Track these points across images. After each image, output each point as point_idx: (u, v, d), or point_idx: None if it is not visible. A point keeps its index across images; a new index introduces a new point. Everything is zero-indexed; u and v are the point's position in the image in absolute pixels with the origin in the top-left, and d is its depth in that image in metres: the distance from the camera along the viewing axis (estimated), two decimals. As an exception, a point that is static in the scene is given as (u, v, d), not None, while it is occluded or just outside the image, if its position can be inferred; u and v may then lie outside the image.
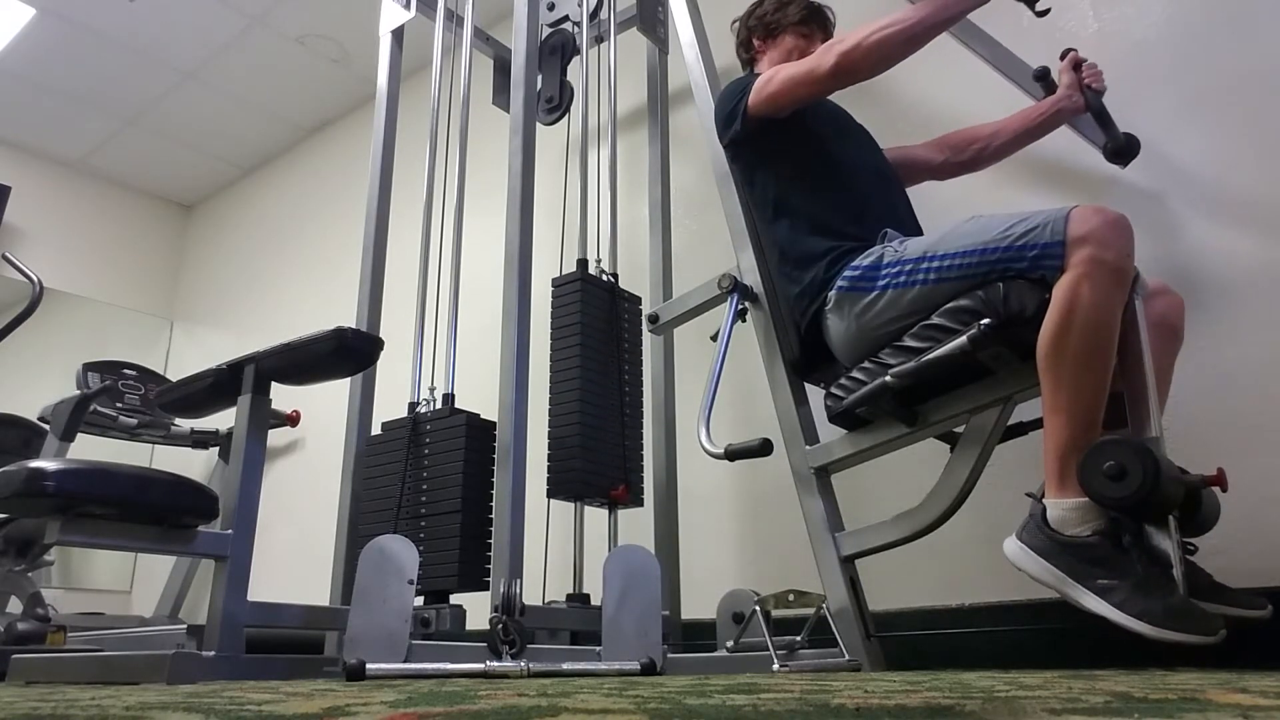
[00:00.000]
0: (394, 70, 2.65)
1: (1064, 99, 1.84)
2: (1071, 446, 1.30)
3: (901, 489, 1.64)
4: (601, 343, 2.13)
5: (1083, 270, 1.32)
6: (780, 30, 1.97)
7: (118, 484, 1.53)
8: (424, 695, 0.91)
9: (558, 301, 2.15)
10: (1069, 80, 1.84)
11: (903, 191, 1.86)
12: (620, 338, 2.18)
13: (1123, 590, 1.22)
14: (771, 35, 1.99)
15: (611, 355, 2.14)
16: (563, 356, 2.09)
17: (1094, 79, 1.83)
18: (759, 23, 2.01)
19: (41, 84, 3.91)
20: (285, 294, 4.10)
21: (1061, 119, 1.85)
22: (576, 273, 2.18)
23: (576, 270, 2.19)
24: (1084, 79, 1.82)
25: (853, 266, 1.62)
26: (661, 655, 1.62)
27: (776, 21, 1.98)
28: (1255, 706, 0.64)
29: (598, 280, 2.21)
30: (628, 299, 2.26)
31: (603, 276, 2.25)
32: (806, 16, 1.97)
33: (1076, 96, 1.82)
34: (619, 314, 2.20)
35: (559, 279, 2.18)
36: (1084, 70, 1.83)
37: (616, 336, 2.17)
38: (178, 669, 1.39)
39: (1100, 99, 1.81)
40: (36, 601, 2.55)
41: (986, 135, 1.91)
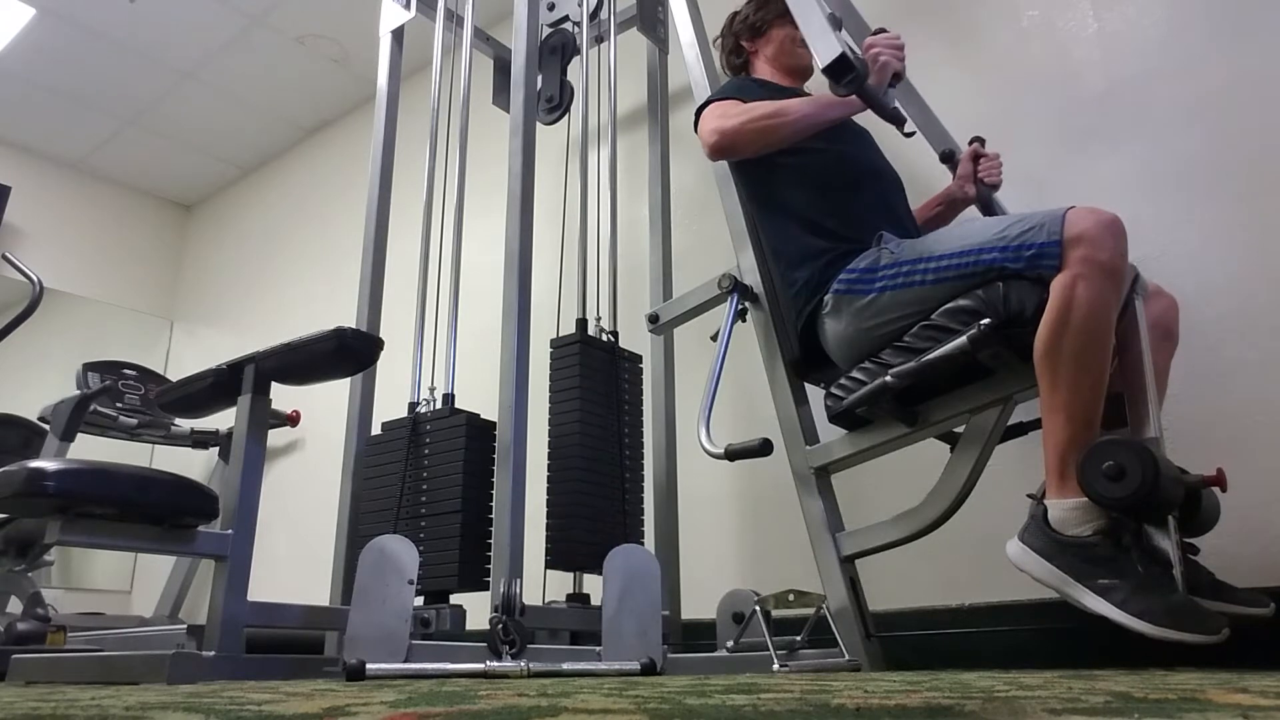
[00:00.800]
0: (394, 70, 2.65)
1: (955, 190, 1.91)
2: (1071, 446, 1.30)
3: (901, 489, 1.64)
4: (601, 405, 2.07)
5: (1078, 270, 1.32)
6: (767, 26, 1.99)
7: (118, 484, 1.53)
8: (424, 695, 0.91)
9: (556, 363, 2.09)
10: (964, 172, 1.90)
11: (901, 191, 1.86)
12: (620, 399, 2.12)
13: (1124, 590, 1.22)
14: (760, 33, 2.00)
15: (611, 417, 2.08)
16: (561, 420, 2.03)
17: (988, 173, 1.88)
18: (744, 26, 2.03)
19: (41, 84, 3.91)
20: (285, 294, 4.10)
21: (954, 209, 1.92)
22: (575, 334, 2.12)
23: (575, 332, 2.14)
24: (979, 172, 1.87)
25: (849, 269, 1.62)
26: (661, 655, 1.62)
27: (761, 19, 2.00)
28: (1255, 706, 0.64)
29: (597, 341, 2.15)
30: (628, 358, 2.19)
31: (602, 336, 2.20)
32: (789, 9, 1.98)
33: (969, 188, 1.89)
34: (619, 374, 2.14)
35: (557, 340, 2.12)
36: (982, 164, 1.88)
37: (617, 398, 2.11)
38: (178, 669, 1.39)
39: (993, 194, 1.87)
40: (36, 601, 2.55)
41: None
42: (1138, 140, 1.90)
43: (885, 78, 1.54)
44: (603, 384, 2.10)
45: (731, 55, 2.06)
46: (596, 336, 2.18)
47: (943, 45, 2.27)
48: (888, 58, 1.54)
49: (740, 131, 1.73)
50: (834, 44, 1.41)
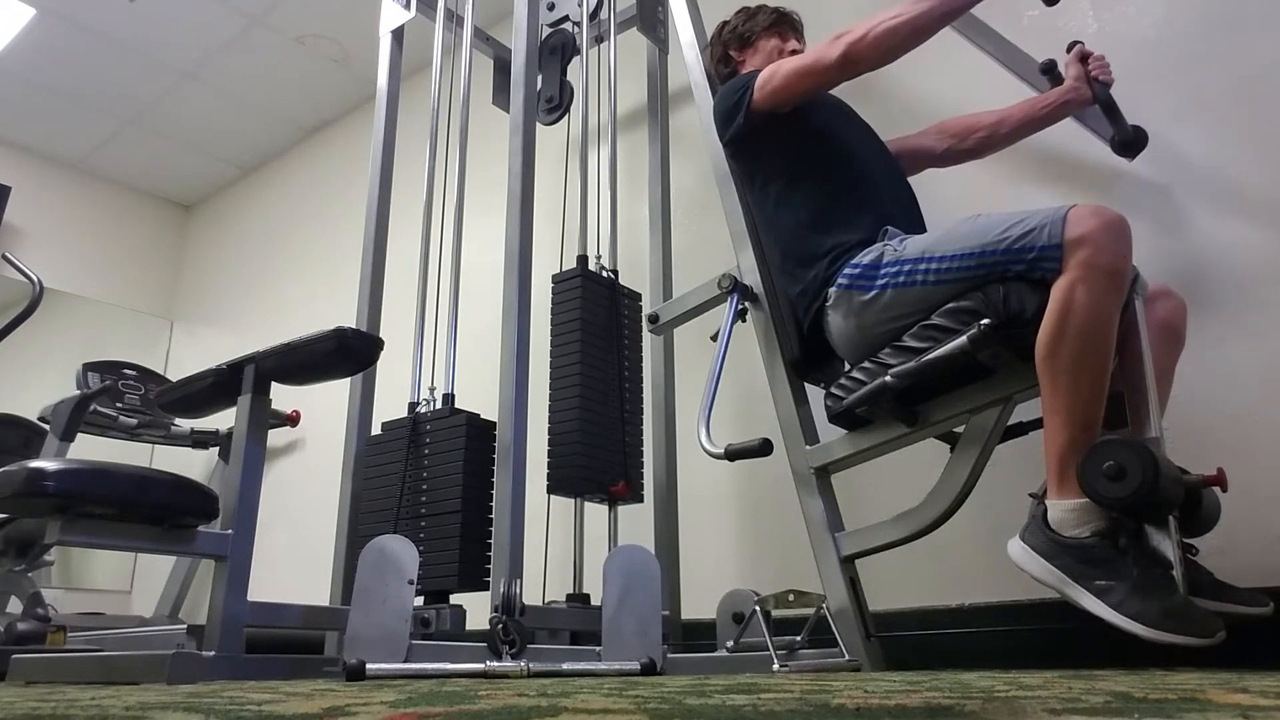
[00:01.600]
0: (394, 70, 2.65)
1: (1071, 90, 1.82)
2: (1071, 447, 1.30)
3: (901, 489, 1.64)
4: (601, 339, 2.13)
5: (1079, 273, 1.32)
6: (755, 38, 1.99)
7: (118, 484, 1.53)
8: (424, 695, 0.91)
9: (558, 298, 2.15)
10: (1076, 72, 1.82)
11: (906, 183, 1.86)
12: (620, 334, 2.18)
13: (1120, 591, 1.22)
14: (748, 44, 2.00)
15: (611, 351, 2.14)
16: (563, 353, 2.09)
17: (1101, 71, 1.81)
18: (732, 36, 2.02)
19: (41, 84, 3.91)
20: (285, 294, 4.10)
21: (1069, 110, 1.84)
22: (576, 269, 2.18)
23: (576, 267, 2.20)
24: (1091, 71, 1.80)
25: (852, 264, 1.62)
26: (661, 655, 1.62)
27: (749, 30, 2.00)
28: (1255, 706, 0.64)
29: (598, 276, 2.21)
30: (627, 295, 2.26)
31: (603, 273, 2.25)
32: (776, 20, 2.00)
33: (1084, 88, 1.80)
34: (619, 310, 2.20)
35: (559, 275, 2.19)
36: (1091, 63, 1.81)
37: (616, 333, 2.18)
38: (178, 669, 1.39)
39: (1108, 91, 1.80)
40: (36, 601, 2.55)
41: (990, 123, 1.89)
42: (1138, 140, 1.90)
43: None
44: (603, 318, 2.16)
45: (720, 64, 2.06)
46: (597, 273, 2.22)
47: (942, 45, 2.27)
48: None
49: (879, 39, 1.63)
50: None
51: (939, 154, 1.95)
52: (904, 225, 1.66)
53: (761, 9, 2.02)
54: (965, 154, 1.94)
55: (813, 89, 1.75)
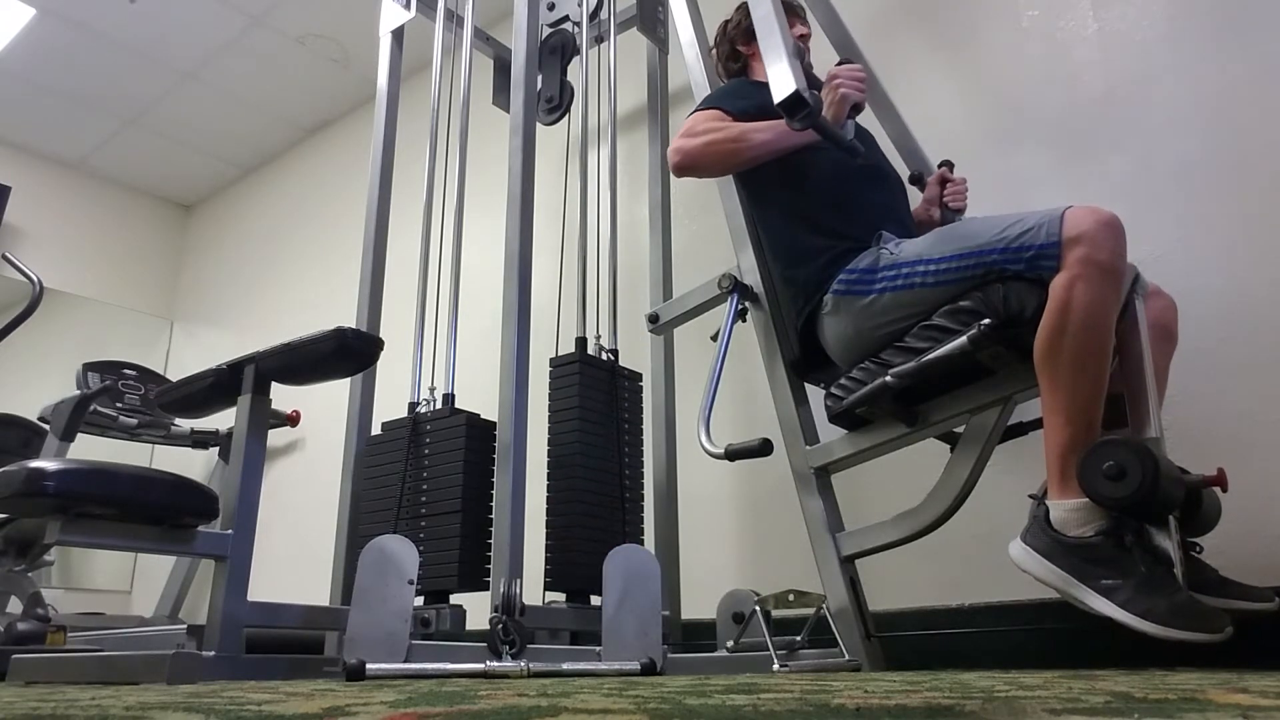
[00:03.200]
0: (394, 70, 2.65)
1: (920, 213, 1.92)
2: (1071, 446, 1.30)
3: (901, 489, 1.64)
4: (601, 425, 2.06)
5: (1076, 271, 1.32)
6: None
7: (118, 484, 1.53)
8: (424, 695, 0.91)
9: (555, 382, 2.08)
10: (930, 195, 1.91)
11: (903, 190, 1.86)
12: (620, 418, 2.11)
13: (1127, 590, 1.22)
14: (754, 38, 1.99)
15: (611, 436, 2.07)
16: (561, 441, 2.02)
17: (954, 198, 1.89)
18: (737, 31, 2.03)
19: (41, 84, 3.91)
20: (285, 294, 4.10)
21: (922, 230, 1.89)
22: (575, 354, 2.10)
23: (575, 351, 2.13)
24: (945, 196, 1.88)
25: (848, 270, 1.62)
26: (661, 655, 1.62)
27: None
28: (1255, 707, 0.64)
29: (597, 360, 2.14)
30: (628, 377, 2.18)
31: (602, 354, 2.19)
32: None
33: (935, 211, 1.90)
34: (619, 393, 2.13)
35: (556, 359, 2.11)
36: (948, 189, 1.89)
37: (616, 417, 2.10)
38: (178, 669, 1.38)
39: (956, 218, 1.86)
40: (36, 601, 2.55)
41: None
42: (1137, 141, 1.90)
43: (843, 111, 1.58)
44: (602, 403, 2.09)
45: (729, 61, 2.06)
46: (596, 355, 2.17)
47: (942, 46, 2.27)
48: (847, 90, 1.58)
49: (701, 154, 1.78)
50: (789, 80, 1.43)
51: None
52: (897, 233, 1.67)
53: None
54: None
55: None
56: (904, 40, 2.32)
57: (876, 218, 1.70)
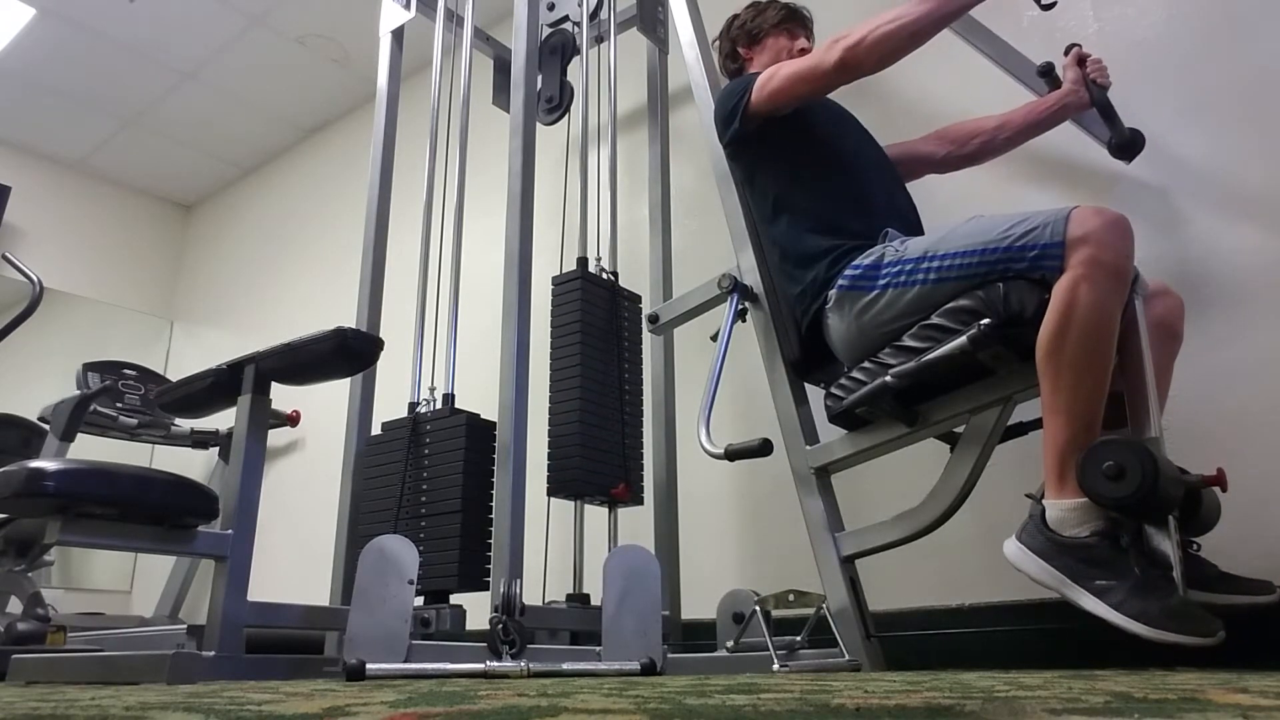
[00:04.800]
0: (394, 70, 2.65)
1: (1069, 94, 1.82)
2: (1071, 447, 1.30)
3: (901, 489, 1.64)
4: (601, 341, 2.13)
5: (1081, 271, 1.32)
6: (763, 34, 1.99)
7: (118, 484, 1.53)
8: (424, 695, 0.91)
9: (558, 300, 2.15)
10: (1074, 75, 1.82)
11: (904, 188, 1.86)
12: (620, 336, 2.18)
13: (1120, 591, 1.22)
14: (756, 41, 2.00)
15: (611, 354, 2.14)
16: (563, 355, 2.09)
17: (1099, 74, 1.81)
18: (741, 32, 2.02)
19: (41, 84, 3.91)
20: (285, 294, 4.10)
21: (1067, 114, 1.84)
22: (577, 271, 2.18)
23: (576, 269, 2.19)
24: (1089, 74, 1.81)
25: (853, 265, 1.62)
26: (661, 655, 1.62)
27: (758, 27, 1.99)
28: (1255, 707, 0.64)
29: (598, 279, 2.21)
30: (628, 298, 2.25)
31: (603, 275, 2.25)
32: (786, 17, 2.00)
33: (1082, 91, 1.81)
34: (619, 313, 2.20)
35: (559, 277, 2.18)
36: (1089, 65, 1.82)
37: (617, 335, 2.17)
38: (178, 669, 1.39)
39: (1105, 94, 1.80)
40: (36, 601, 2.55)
41: (991, 128, 1.90)
42: (1138, 140, 1.90)
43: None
44: (603, 320, 2.15)
45: (728, 60, 2.06)
46: (597, 274, 2.22)
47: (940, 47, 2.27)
48: None
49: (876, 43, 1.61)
50: None
51: (939, 159, 1.95)
52: (901, 229, 1.67)
53: (771, 4, 2.02)
54: (965, 159, 1.94)
55: (810, 94, 1.75)
56: (904, 40, 2.32)
57: (881, 215, 1.70)
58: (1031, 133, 1.87)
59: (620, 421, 2.11)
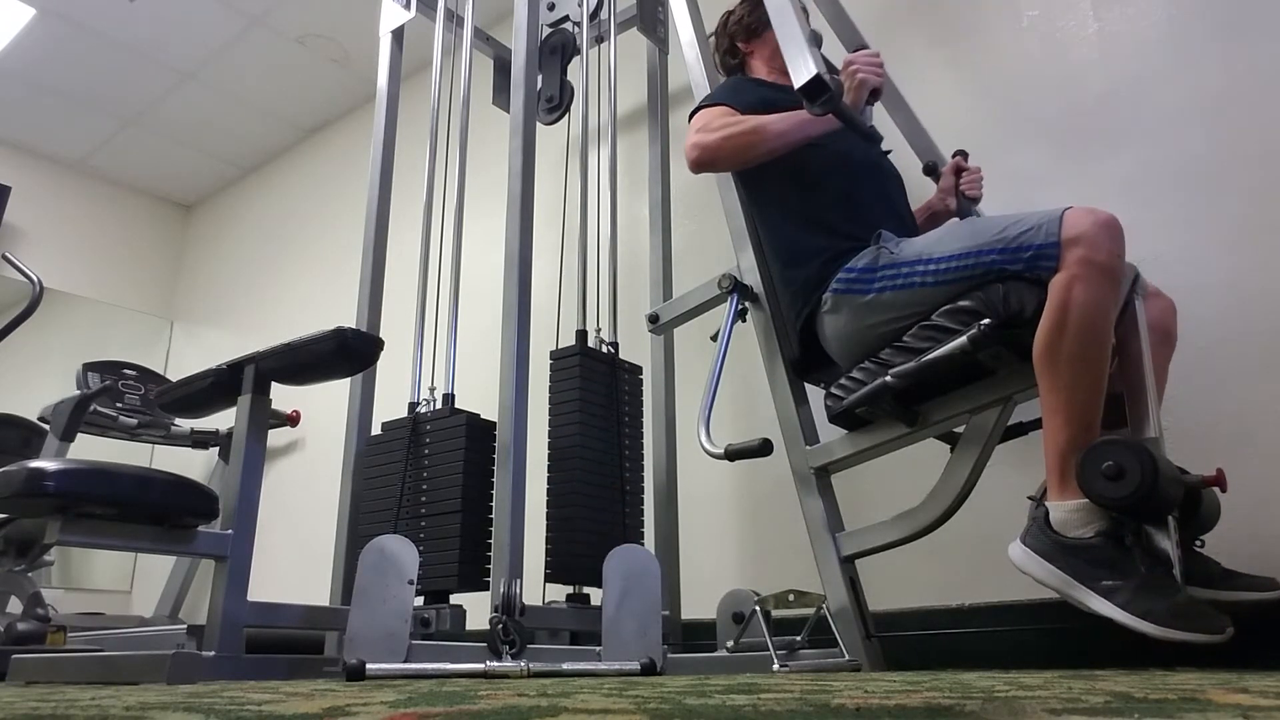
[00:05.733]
0: (394, 70, 2.65)
1: (936, 203, 1.92)
2: (1071, 447, 1.30)
3: (901, 489, 1.64)
4: (601, 418, 2.06)
5: (1075, 271, 1.32)
6: (762, 27, 1.98)
7: (118, 484, 1.53)
8: (424, 695, 0.91)
9: (556, 374, 2.08)
10: (946, 185, 1.91)
11: (902, 189, 1.86)
12: (620, 410, 2.11)
13: (1127, 591, 1.22)
14: (755, 34, 2.00)
15: (612, 429, 2.07)
16: (561, 433, 2.02)
17: (970, 186, 1.88)
18: (739, 27, 2.03)
19: (41, 84, 3.91)
20: (285, 294, 4.10)
21: (937, 221, 1.90)
22: (575, 346, 2.11)
23: (575, 344, 2.12)
24: (961, 185, 1.87)
25: (848, 268, 1.62)
26: (661, 655, 1.62)
27: (756, 20, 1.99)
28: (1255, 707, 0.64)
29: (597, 353, 2.14)
30: (628, 370, 2.19)
31: (602, 347, 2.18)
32: None
33: (951, 200, 1.89)
34: (619, 386, 2.13)
35: (557, 352, 2.11)
36: (963, 178, 1.88)
37: (617, 410, 2.10)
38: (178, 669, 1.39)
39: (973, 207, 1.87)
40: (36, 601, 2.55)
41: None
42: (1137, 141, 1.90)
43: (862, 96, 1.58)
44: (603, 396, 2.09)
45: (727, 55, 2.06)
46: (596, 348, 2.17)
47: (942, 45, 2.27)
48: (865, 75, 1.58)
49: (719, 148, 1.76)
50: (809, 65, 1.43)
51: None
52: (897, 232, 1.67)
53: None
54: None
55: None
56: (904, 40, 2.32)
57: (877, 214, 1.70)
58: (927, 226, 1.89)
59: (621, 503, 2.04)
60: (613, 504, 2.03)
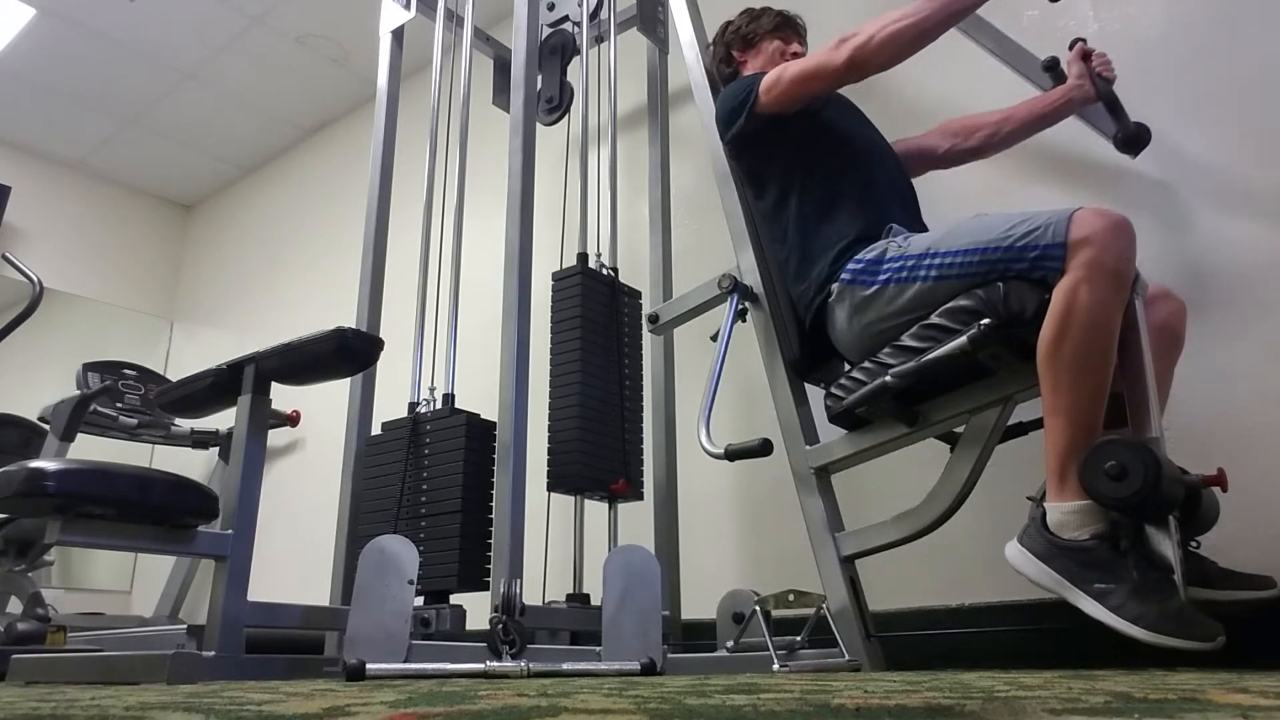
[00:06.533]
0: (394, 70, 2.65)
1: (1075, 88, 1.81)
2: (1071, 449, 1.30)
3: (901, 489, 1.64)
4: (601, 337, 2.13)
5: (1082, 274, 1.32)
6: (758, 39, 1.99)
7: (118, 484, 1.53)
8: (424, 695, 0.91)
9: (557, 295, 2.15)
10: (1079, 70, 1.81)
11: (909, 183, 1.86)
12: (620, 332, 2.18)
13: (1120, 594, 1.22)
14: (750, 45, 2.01)
15: (611, 349, 2.14)
16: (562, 350, 2.09)
17: (1104, 68, 1.81)
18: (735, 36, 2.03)
19: (41, 84, 3.91)
20: (285, 294, 4.10)
21: (1072, 108, 1.83)
22: (576, 266, 2.18)
23: (576, 264, 2.19)
24: (1094, 68, 1.80)
25: (856, 260, 1.62)
26: (661, 655, 1.62)
27: (753, 31, 2.00)
28: (1255, 707, 0.64)
29: (598, 274, 2.21)
30: (628, 293, 2.26)
31: (603, 271, 2.25)
32: (781, 24, 2.01)
33: (1087, 85, 1.79)
34: (619, 308, 2.20)
35: (559, 272, 2.19)
36: (1094, 60, 1.81)
37: (616, 330, 2.17)
38: (178, 669, 1.39)
39: (1111, 88, 1.79)
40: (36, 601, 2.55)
41: (994, 122, 1.88)
42: (1138, 140, 1.89)
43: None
44: (603, 316, 2.15)
45: (721, 64, 2.06)
46: (597, 270, 2.22)
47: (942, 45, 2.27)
48: None
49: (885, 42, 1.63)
50: None
51: (941, 154, 1.94)
52: (906, 224, 1.67)
53: (766, 11, 2.03)
54: (968, 154, 1.93)
55: (819, 92, 1.75)
56: (904, 40, 2.32)
57: (887, 211, 1.70)
58: (1036, 127, 1.86)
59: (620, 417, 2.11)
60: (612, 420, 2.09)
